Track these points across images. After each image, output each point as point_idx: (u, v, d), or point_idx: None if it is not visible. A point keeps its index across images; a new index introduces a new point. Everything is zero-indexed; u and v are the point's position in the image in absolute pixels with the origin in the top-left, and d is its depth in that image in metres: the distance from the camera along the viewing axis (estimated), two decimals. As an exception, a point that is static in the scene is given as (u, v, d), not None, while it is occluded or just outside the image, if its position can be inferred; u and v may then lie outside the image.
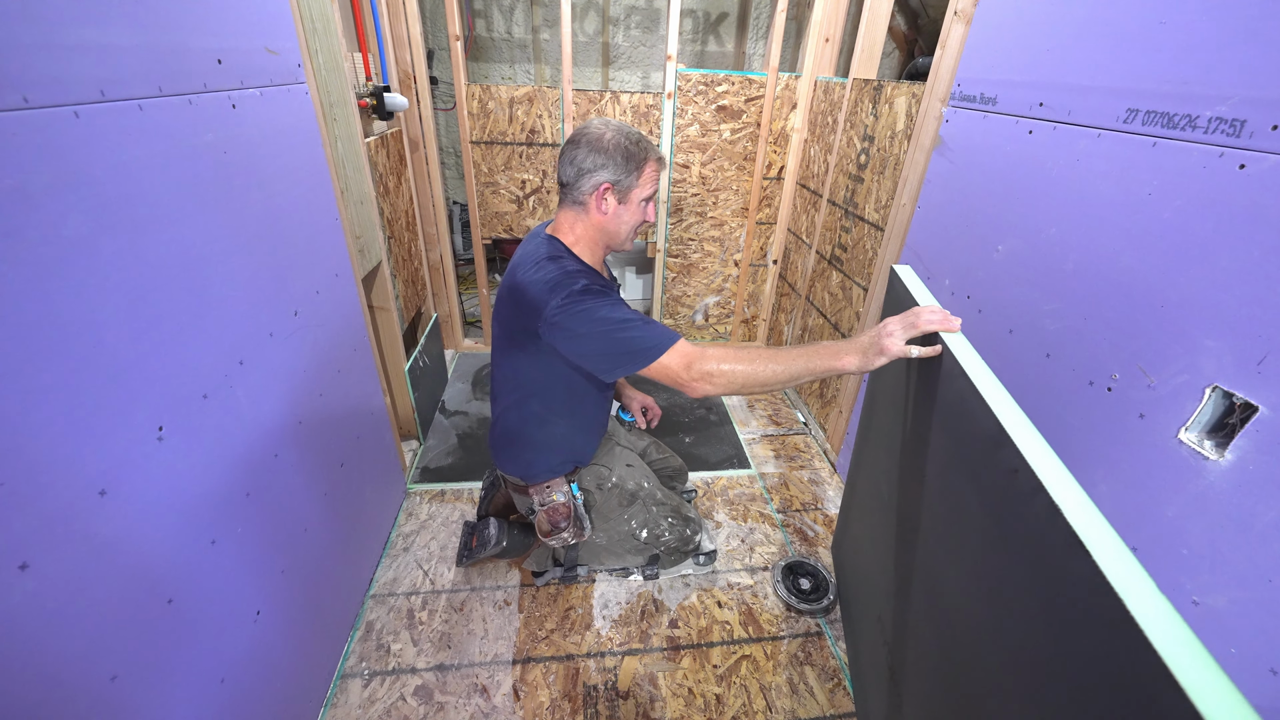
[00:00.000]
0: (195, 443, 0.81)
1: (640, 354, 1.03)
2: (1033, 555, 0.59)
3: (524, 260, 1.15)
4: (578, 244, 1.17)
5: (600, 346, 1.06)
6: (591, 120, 1.14)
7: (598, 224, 1.16)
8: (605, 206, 1.13)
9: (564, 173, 1.13)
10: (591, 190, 1.12)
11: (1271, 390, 0.72)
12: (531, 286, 1.09)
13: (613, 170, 1.10)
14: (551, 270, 1.09)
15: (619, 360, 1.06)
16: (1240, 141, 0.76)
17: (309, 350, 1.16)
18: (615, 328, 1.04)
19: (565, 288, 1.06)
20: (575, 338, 1.06)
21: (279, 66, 1.07)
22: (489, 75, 2.87)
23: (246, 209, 0.95)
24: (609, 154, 1.10)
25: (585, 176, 1.11)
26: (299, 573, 1.10)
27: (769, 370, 0.98)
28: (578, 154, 1.10)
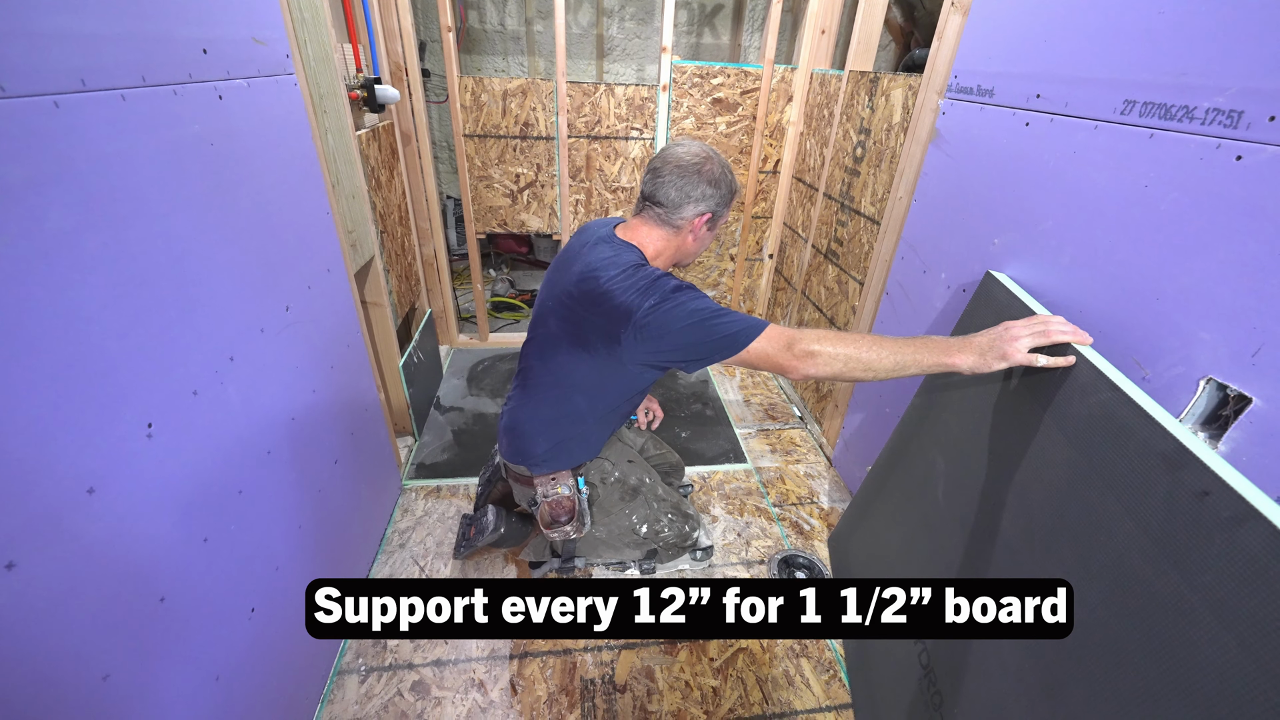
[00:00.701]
0: (186, 440, 0.80)
1: (736, 338, 1.01)
2: (1230, 578, 0.56)
3: (605, 264, 1.11)
4: (658, 258, 1.19)
5: (695, 337, 1.04)
6: (687, 144, 1.15)
7: (683, 246, 1.19)
8: (699, 233, 1.18)
9: (664, 194, 1.13)
10: (693, 217, 1.15)
11: (1265, 382, 0.73)
12: (621, 292, 1.06)
13: (716, 202, 1.15)
14: (641, 276, 1.08)
15: (715, 348, 1.03)
16: (1237, 133, 0.76)
17: (301, 346, 1.15)
18: (709, 317, 1.03)
19: (658, 289, 1.05)
20: (668, 333, 1.04)
21: (267, 57, 1.05)
22: (482, 68, 2.84)
23: (235, 202, 0.94)
24: (717, 186, 1.13)
25: (689, 204, 1.13)
26: (294, 570, 1.09)
27: (874, 354, 0.95)
28: (686, 182, 1.12)
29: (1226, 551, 0.57)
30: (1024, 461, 0.90)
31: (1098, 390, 0.79)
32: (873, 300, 1.71)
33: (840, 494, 1.88)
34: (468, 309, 2.94)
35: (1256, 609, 0.53)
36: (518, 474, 1.40)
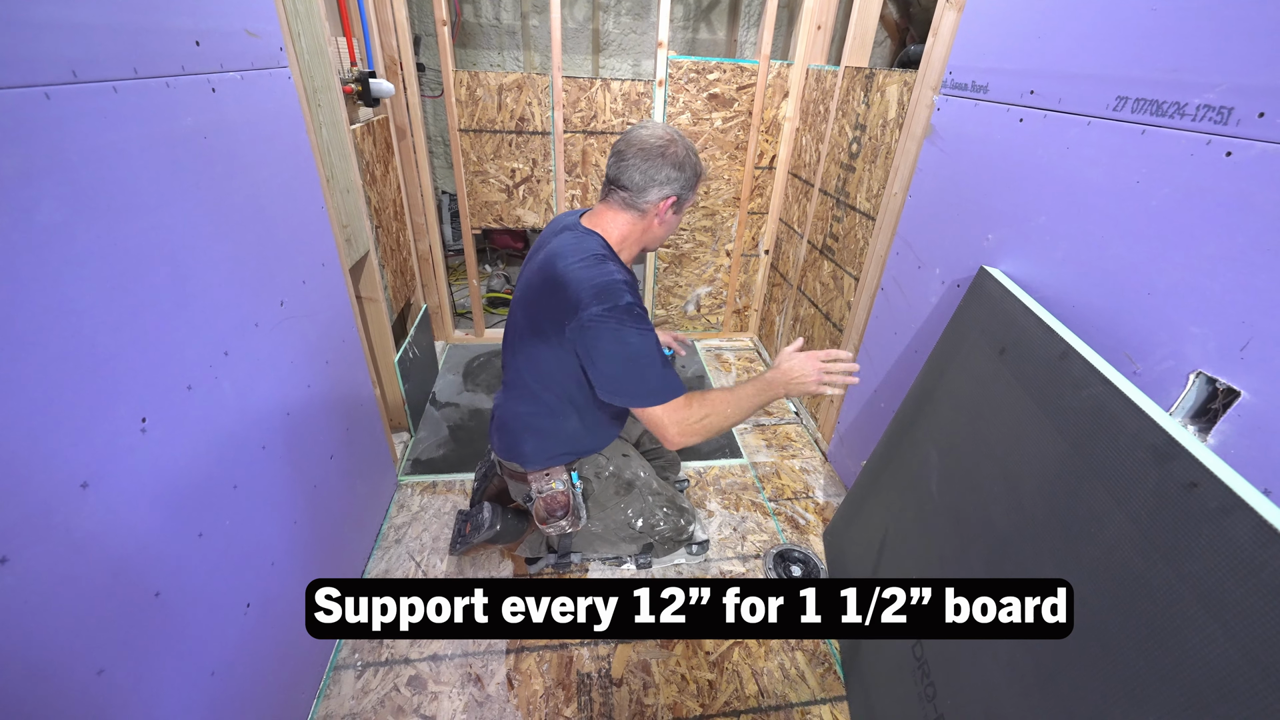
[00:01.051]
0: (180, 435, 0.80)
1: (650, 395, 1.09)
2: (1217, 568, 0.57)
3: (566, 251, 1.12)
4: (622, 243, 1.18)
5: (618, 370, 1.08)
6: (651, 125, 1.14)
7: (649, 230, 1.19)
8: (664, 217, 1.17)
9: (628, 178, 1.12)
10: (658, 201, 1.14)
11: (1254, 376, 0.74)
12: (575, 283, 1.07)
13: (681, 185, 1.14)
14: (599, 273, 1.08)
15: (626, 390, 1.10)
16: (1228, 129, 0.76)
17: (296, 341, 1.14)
18: (641, 360, 1.07)
19: (611, 298, 1.05)
20: (599, 352, 1.07)
21: (260, 50, 1.05)
22: (477, 62, 2.82)
23: (229, 196, 0.93)
24: (682, 169, 1.12)
25: (654, 187, 1.12)
26: (289, 565, 1.09)
27: (727, 421, 1.13)
28: (649, 165, 1.10)
29: (1214, 542, 0.58)
30: (1016, 454, 0.91)
31: (1089, 384, 0.80)
32: (868, 296, 1.71)
33: (835, 488, 1.89)
34: (463, 304, 2.93)
35: (1242, 598, 0.54)
36: (512, 470, 1.40)
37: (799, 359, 1.16)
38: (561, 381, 1.21)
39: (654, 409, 1.09)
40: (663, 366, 1.09)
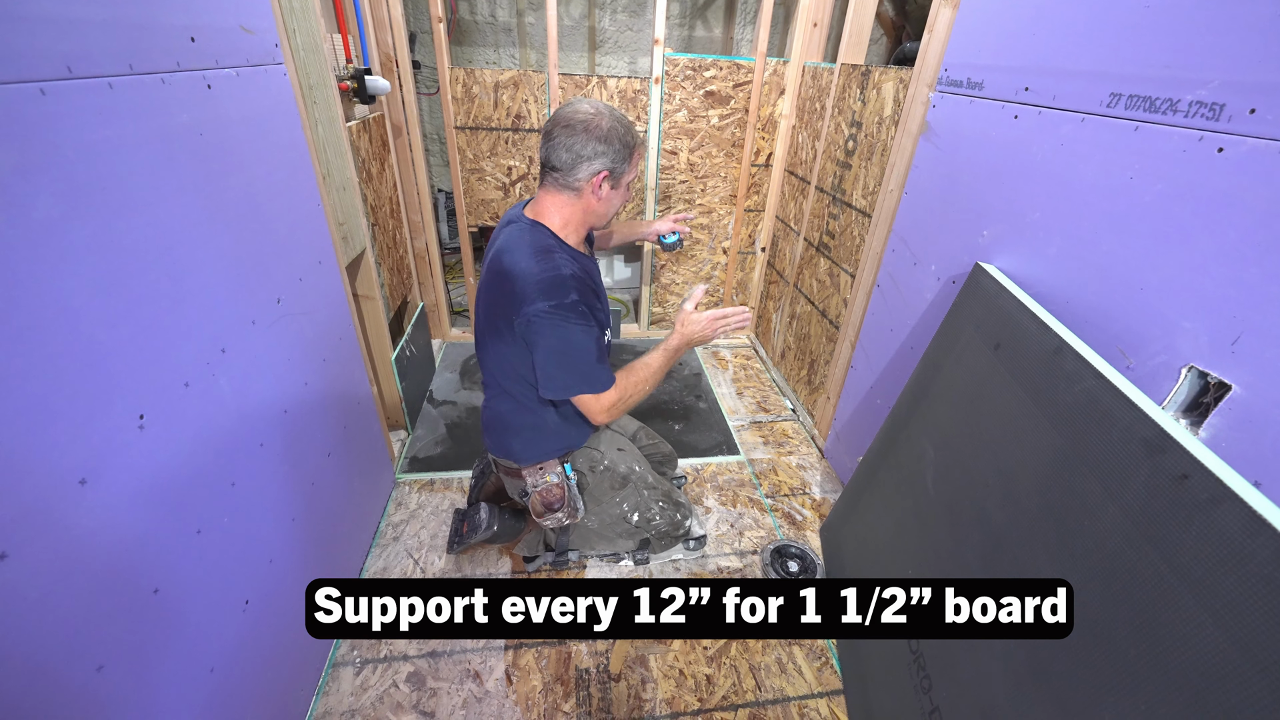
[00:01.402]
0: (178, 431, 0.80)
1: (584, 386, 1.17)
2: (1207, 558, 0.58)
3: (512, 245, 1.14)
4: (565, 227, 1.18)
5: (555, 366, 1.14)
6: (578, 102, 1.13)
7: (589, 208, 1.17)
8: (600, 193, 1.15)
9: (556, 157, 1.11)
10: (589, 177, 1.12)
11: (1245, 370, 0.74)
12: (521, 278, 1.09)
13: (611, 158, 1.11)
14: (545, 267, 1.09)
15: (562, 384, 1.17)
16: (1219, 125, 0.77)
17: (293, 338, 1.14)
18: (579, 355, 1.13)
19: (556, 295, 1.08)
20: (540, 348, 1.12)
21: (255, 46, 1.04)
22: (473, 59, 2.82)
23: (225, 193, 0.93)
24: (608, 142, 1.10)
25: (583, 164, 1.11)
26: (287, 562, 1.09)
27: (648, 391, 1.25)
28: (574, 140, 1.09)
29: (1204, 533, 0.58)
30: (1011, 448, 0.92)
31: (1082, 378, 0.80)
32: (864, 293, 1.72)
33: (832, 484, 1.90)
34: (460, 302, 2.93)
35: (1233, 587, 0.55)
36: (506, 467, 1.41)
37: (694, 320, 1.25)
38: (527, 376, 1.22)
39: (591, 397, 1.19)
40: (597, 361, 1.17)
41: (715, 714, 1.23)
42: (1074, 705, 0.69)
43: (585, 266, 1.20)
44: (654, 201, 2.42)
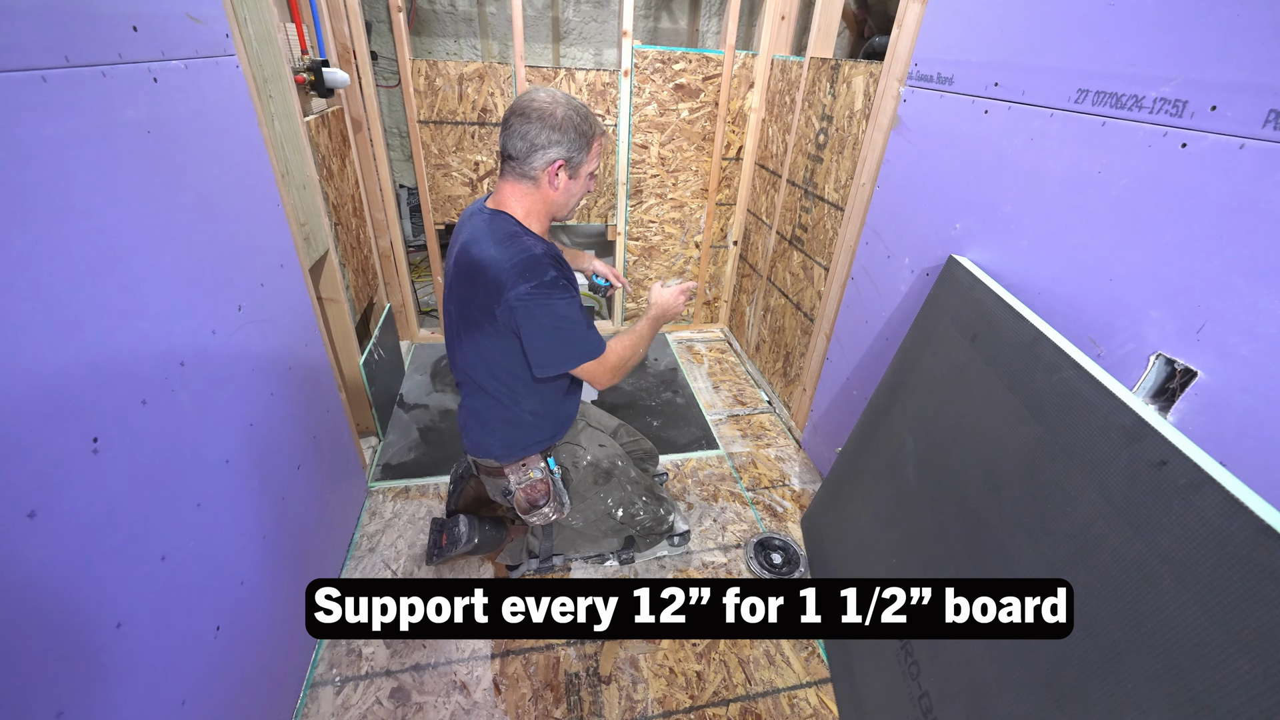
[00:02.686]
0: (136, 453, 0.74)
1: (582, 355, 1.15)
2: (1187, 540, 0.60)
3: (479, 235, 1.11)
4: (529, 217, 1.16)
5: (550, 343, 1.12)
6: (535, 91, 1.10)
7: (548, 198, 1.15)
8: (557, 182, 1.13)
9: (512, 146, 1.09)
10: (544, 166, 1.10)
11: (1209, 356, 0.78)
12: (493, 265, 1.06)
13: (566, 147, 1.10)
14: (515, 251, 1.07)
15: (560, 357, 1.15)
16: (1183, 121, 0.80)
17: (256, 347, 1.08)
18: (571, 327, 1.12)
19: (535, 275, 1.06)
20: (532, 328, 1.10)
21: (204, 36, 0.97)
22: (433, 50, 2.72)
23: (178, 195, 0.87)
24: (563, 130, 1.08)
25: (538, 153, 1.09)
26: (259, 582, 1.04)
27: (641, 355, 1.27)
28: (529, 129, 1.07)
29: (1184, 516, 0.61)
30: (991, 438, 0.94)
31: (1060, 368, 0.83)
32: (838, 286, 1.74)
33: (810, 476, 1.93)
34: (427, 302, 2.84)
35: (1212, 568, 0.57)
36: (487, 467, 1.37)
37: (665, 294, 1.33)
38: (506, 366, 1.20)
39: (591, 364, 1.17)
40: (588, 328, 1.16)
41: (707, 710, 1.23)
42: (1062, 685, 0.71)
43: (550, 247, 1.19)
44: (625, 196, 2.40)
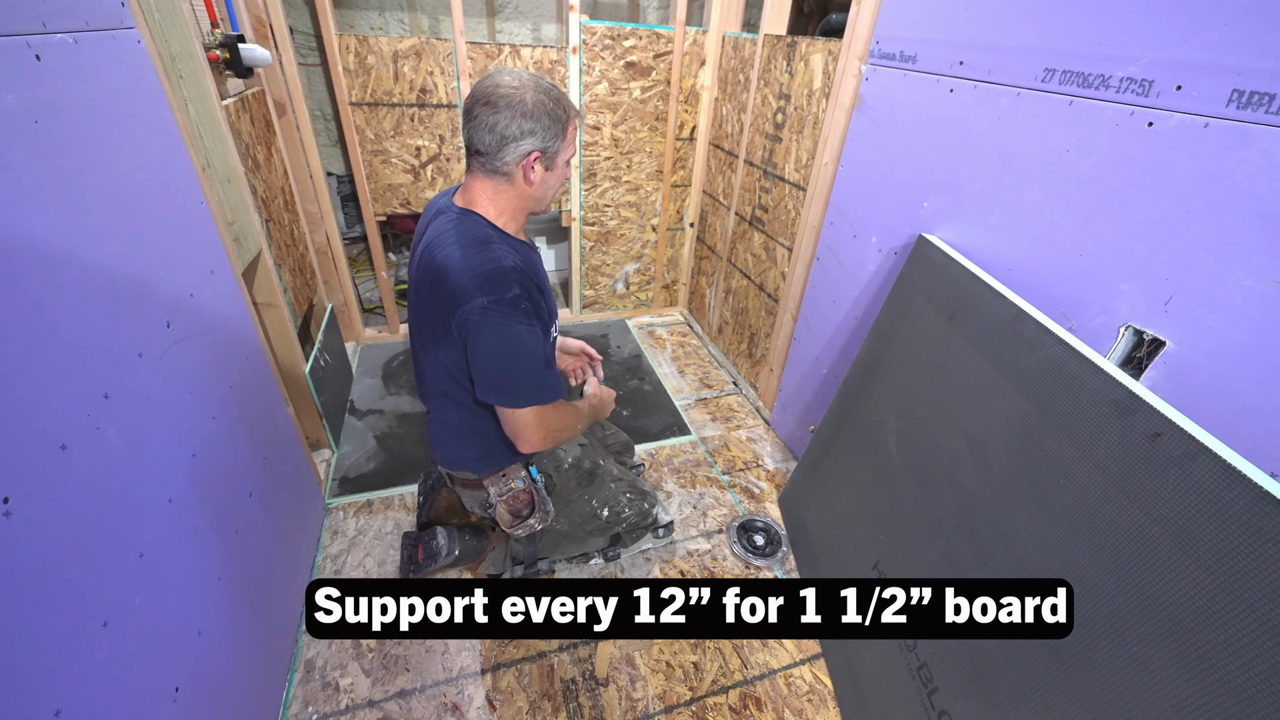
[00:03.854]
0: (59, 508, 0.63)
1: (526, 395, 1.04)
2: (1186, 509, 0.62)
3: (445, 238, 1.01)
4: (501, 216, 1.05)
5: (498, 368, 1.01)
6: (498, 74, 0.98)
7: (523, 194, 1.04)
8: (533, 176, 1.02)
9: (480, 140, 0.97)
10: (518, 160, 0.99)
11: (1176, 327, 0.82)
12: (457, 272, 0.96)
13: (541, 137, 0.98)
14: (483, 259, 0.97)
15: (504, 389, 1.03)
16: (1149, 100, 0.83)
17: (192, 367, 0.95)
18: (524, 358, 1.01)
19: (496, 289, 0.95)
20: (481, 348, 0.99)
21: (96, 5, 0.82)
22: (355, 24, 2.49)
23: (82, 196, 0.74)
24: (535, 118, 0.96)
25: (510, 145, 0.97)
26: (219, 630, 0.93)
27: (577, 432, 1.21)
28: (498, 120, 0.95)
29: (1181, 485, 0.64)
30: (976, 413, 0.97)
31: (1045, 345, 0.85)
32: (803, 266, 1.75)
33: (783, 455, 1.96)
34: (370, 299, 2.66)
35: (1213, 534, 0.60)
36: (464, 480, 1.30)
37: (605, 392, 1.35)
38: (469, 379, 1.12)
39: (525, 410, 1.04)
40: (544, 368, 1.04)
41: (708, 700, 1.23)
42: (1068, 653, 0.74)
43: (528, 258, 1.08)
44: (579, 180, 2.31)
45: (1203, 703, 0.59)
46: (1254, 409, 0.74)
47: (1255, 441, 0.73)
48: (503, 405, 1.04)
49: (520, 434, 1.07)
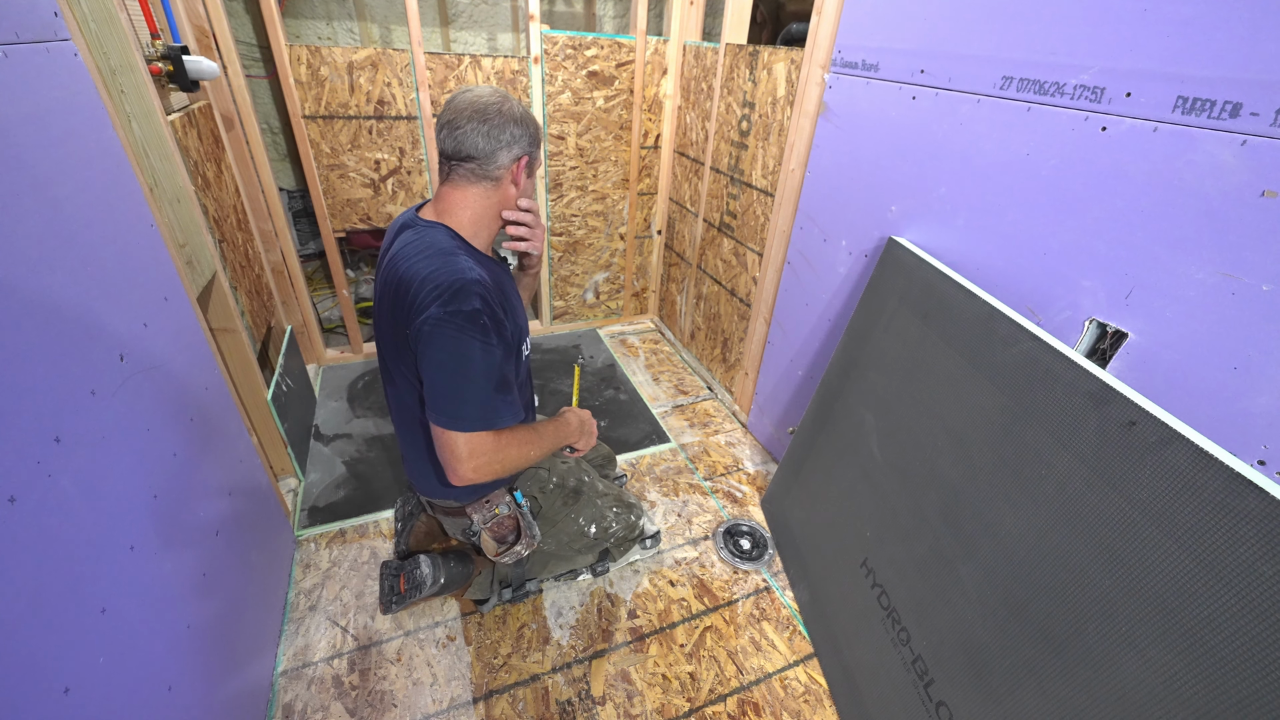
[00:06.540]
0: (8, 570, 0.57)
1: (461, 419, 0.95)
2: (1164, 492, 0.65)
3: (408, 251, 0.98)
4: (474, 225, 1.04)
5: (446, 383, 0.95)
6: (472, 90, 1.01)
7: (507, 198, 1.06)
8: (519, 179, 1.06)
9: (472, 145, 0.98)
10: (511, 164, 1.02)
11: (1138, 319, 0.87)
12: (418, 282, 0.93)
13: (528, 142, 1.04)
14: (446, 270, 0.93)
15: (452, 412, 0.95)
16: (1101, 106, 0.87)
17: (148, 402, 0.89)
18: (475, 376, 0.95)
19: (454, 300, 0.92)
20: (429, 359, 0.94)
21: (25, 14, 0.76)
22: (301, 34, 2.40)
23: (19, 225, 0.67)
24: (523, 125, 1.02)
25: (503, 150, 1.00)
26: (191, 683, 0.86)
27: (532, 461, 1.09)
28: (490, 126, 0.98)
29: (1157, 470, 0.67)
30: (955, 409, 1.00)
31: (1019, 341, 0.89)
32: (774, 270, 1.78)
33: (762, 457, 1.97)
34: (330, 318, 2.56)
35: (1191, 515, 0.63)
36: (445, 507, 1.26)
37: (585, 415, 1.30)
38: None
39: (456, 434, 0.96)
40: (494, 391, 0.98)
41: (706, 710, 1.23)
42: (1057, 635, 0.77)
43: (494, 274, 1.06)
44: (545, 190, 2.28)
45: (1191, 676, 0.62)
46: (1210, 393, 0.79)
47: (1214, 424, 0.78)
48: (443, 426, 0.95)
49: (447, 462, 0.97)
